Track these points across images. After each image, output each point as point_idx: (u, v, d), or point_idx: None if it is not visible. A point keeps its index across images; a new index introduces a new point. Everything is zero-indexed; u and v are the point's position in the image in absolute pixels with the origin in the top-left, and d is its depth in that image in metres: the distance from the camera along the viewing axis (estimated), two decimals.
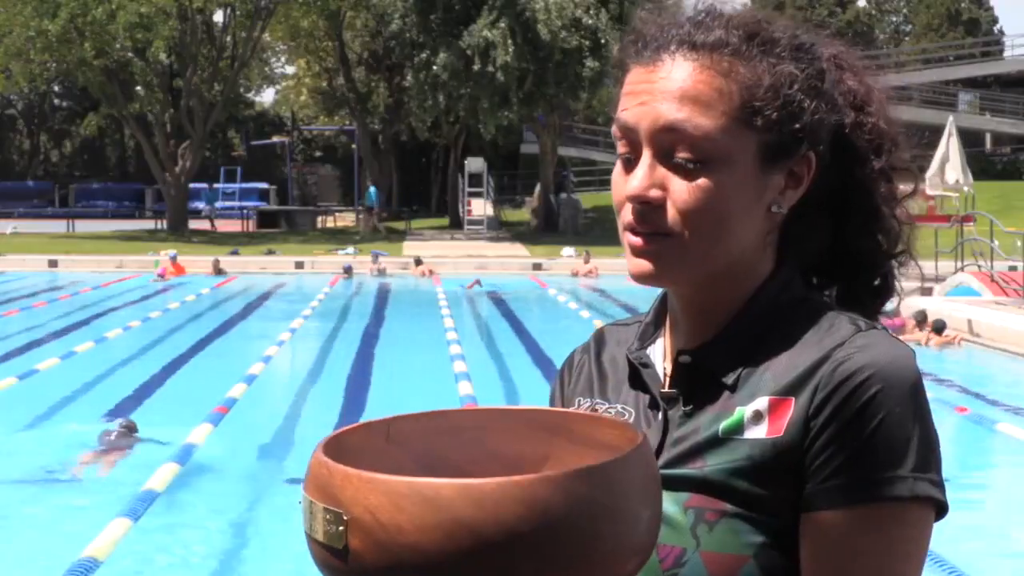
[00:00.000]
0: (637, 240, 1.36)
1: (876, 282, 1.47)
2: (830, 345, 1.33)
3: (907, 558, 1.29)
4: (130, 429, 9.31)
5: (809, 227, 1.44)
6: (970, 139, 40.48)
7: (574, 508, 1.11)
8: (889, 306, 1.49)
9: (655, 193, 1.35)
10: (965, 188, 23.00)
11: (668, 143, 1.35)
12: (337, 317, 18.30)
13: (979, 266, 20.08)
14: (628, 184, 1.37)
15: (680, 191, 1.34)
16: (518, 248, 33.32)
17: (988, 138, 51.65)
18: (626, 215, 1.38)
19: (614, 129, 1.41)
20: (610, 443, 1.28)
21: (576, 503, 1.11)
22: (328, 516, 1.13)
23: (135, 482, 7.19)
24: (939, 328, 14.62)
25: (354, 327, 16.89)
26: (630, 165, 1.38)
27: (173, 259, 25.79)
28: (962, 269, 20.11)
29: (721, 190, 1.34)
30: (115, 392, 11.18)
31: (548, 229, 38.48)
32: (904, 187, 1.47)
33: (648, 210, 1.35)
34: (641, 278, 1.38)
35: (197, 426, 8.80)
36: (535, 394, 11.18)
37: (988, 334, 14.60)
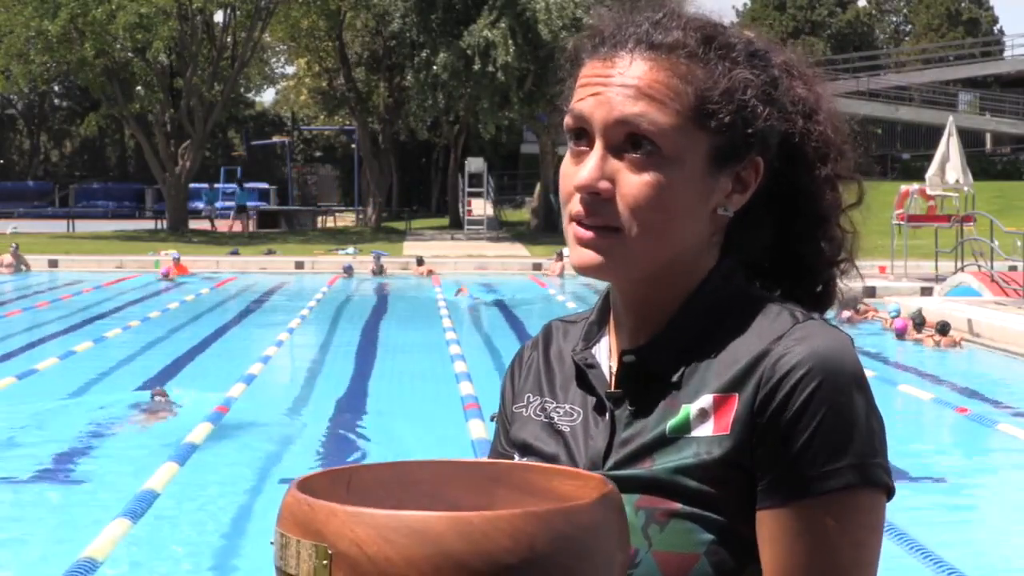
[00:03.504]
0: (583, 232, 1.38)
1: (818, 289, 1.49)
2: (769, 339, 1.36)
3: (864, 544, 1.32)
4: (163, 396, 10.18)
5: (752, 228, 1.45)
6: (970, 139, 40.49)
7: (557, 544, 1.12)
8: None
9: (604, 184, 1.37)
10: (965, 188, 22.99)
11: (621, 136, 1.37)
12: (337, 317, 18.30)
13: (979, 266, 20.07)
14: (578, 174, 1.38)
15: (629, 184, 1.36)
16: (518, 248, 33.32)
17: (988, 138, 51.63)
18: (573, 206, 1.39)
19: (567, 120, 1.42)
20: (572, 496, 1.29)
21: (559, 539, 1.12)
22: (310, 551, 1.13)
23: (134, 482, 7.18)
24: (944, 329, 14.62)
25: (354, 327, 16.89)
26: (580, 157, 1.40)
27: (176, 260, 25.89)
28: (962, 269, 20.10)
29: (669, 188, 1.36)
30: (114, 392, 11.17)
31: (548, 229, 38.46)
32: (849, 197, 1.49)
33: (596, 202, 1.37)
34: (584, 269, 1.40)
35: (197, 425, 8.79)
36: None
37: (988, 334, 14.60)
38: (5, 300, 20.87)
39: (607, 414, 1.42)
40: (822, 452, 1.30)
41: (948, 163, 22.70)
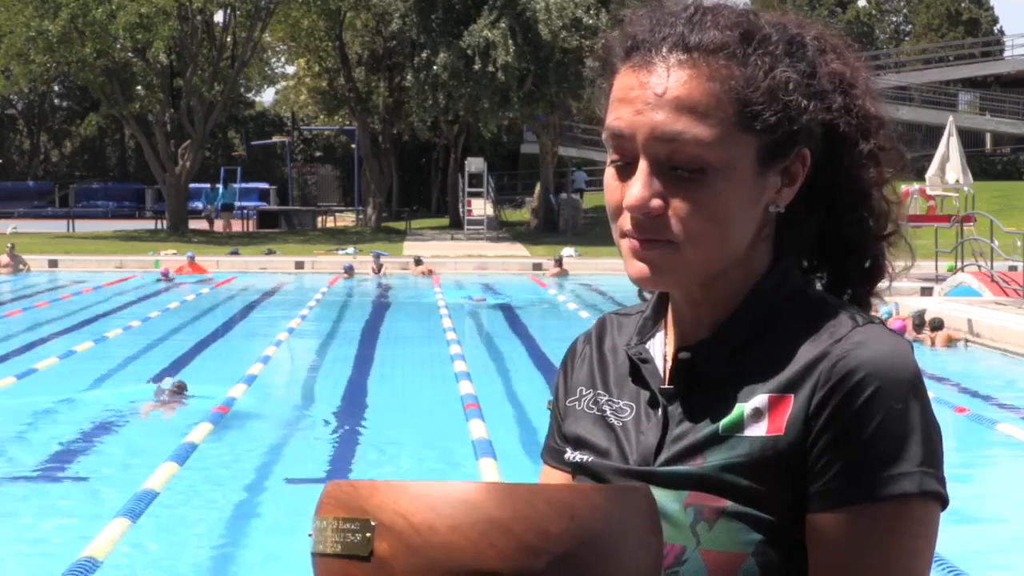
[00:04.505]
0: (637, 244, 1.35)
1: (867, 264, 1.46)
2: (828, 341, 1.33)
3: (917, 554, 1.30)
4: (180, 389, 10.60)
5: (801, 216, 1.42)
6: (970, 139, 40.49)
7: (597, 516, 1.15)
8: (884, 308, 1.48)
9: (655, 203, 1.33)
10: (965, 188, 23.00)
11: (665, 153, 1.33)
12: (337, 317, 18.30)
13: (979, 266, 20.06)
14: (627, 194, 1.35)
15: (680, 201, 1.33)
16: (518, 248, 33.31)
17: (988, 138, 51.63)
18: (624, 223, 1.36)
19: (605, 135, 1.38)
20: None
21: (599, 513, 1.15)
22: (351, 527, 1.14)
23: (133, 481, 7.18)
24: (937, 326, 14.61)
25: (354, 327, 16.89)
26: (623, 171, 1.37)
27: (191, 259, 26.10)
28: (962, 269, 20.10)
29: (721, 197, 1.33)
30: (113, 392, 11.17)
31: (548, 229, 38.46)
32: (891, 167, 1.45)
33: (648, 219, 1.34)
34: (641, 282, 1.38)
35: (197, 425, 8.80)
36: (536, 394, 11.16)
37: (988, 334, 14.60)
38: (4, 300, 20.86)
39: (660, 410, 1.40)
40: (877, 458, 1.28)
41: (948, 163, 22.70)
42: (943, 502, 1.32)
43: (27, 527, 7.21)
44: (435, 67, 34.24)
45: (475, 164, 39.90)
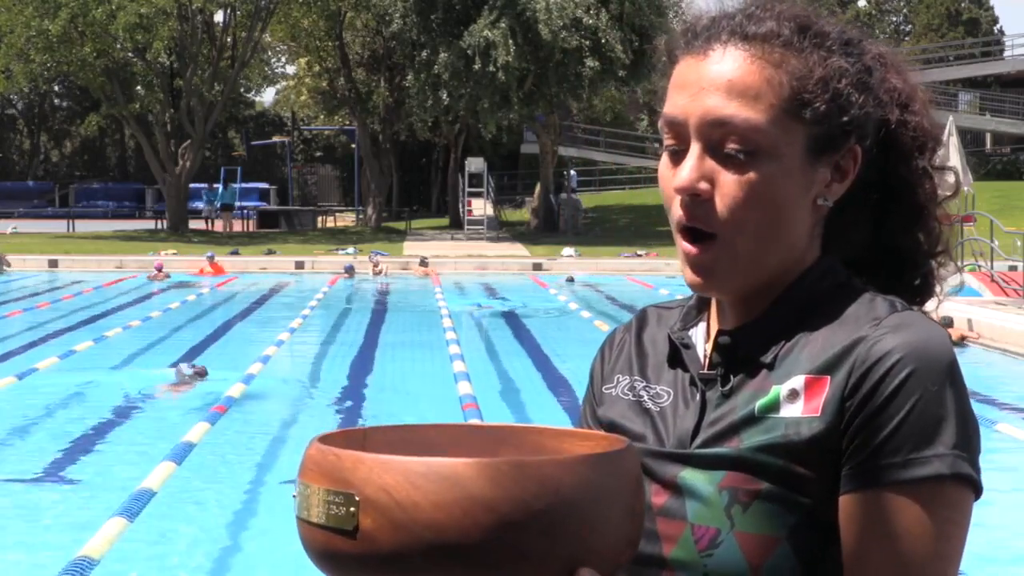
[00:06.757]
0: (692, 249, 1.38)
1: (917, 282, 1.49)
2: (866, 325, 1.34)
3: (947, 538, 1.29)
4: (199, 374, 11.12)
5: (852, 220, 1.45)
6: (970, 139, 40.46)
7: (582, 490, 1.15)
8: (930, 306, 1.50)
9: (704, 186, 1.36)
10: (965, 188, 22.97)
11: (717, 136, 1.36)
12: (337, 317, 18.29)
13: (979, 266, 20.06)
14: (677, 176, 1.37)
15: (729, 183, 1.35)
16: (518, 248, 33.31)
17: (988, 138, 51.62)
18: (676, 209, 1.38)
19: (661, 122, 1.42)
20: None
21: (583, 484, 1.15)
22: (336, 499, 1.14)
23: (131, 481, 7.18)
24: (947, 323, 14.59)
25: (354, 327, 16.88)
26: (677, 157, 1.39)
27: (211, 259, 26.07)
28: (962, 269, 20.09)
29: (769, 182, 1.35)
30: (112, 392, 11.16)
31: (548, 229, 38.47)
32: (944, 190, 1.49)
33: (696, 203, 1.36)
34: (695, 288, 1.40)
35: (195, 425, 8.79)
36: (534, 392, 11.16)
37: (988, 334, 14.59)
38: (5, 300, 20.84)
39: (698, 395, 1.42)
40: (911, 439, 1.28)
41: (948, 163, 22.69)
42: (977, 489, 1.31)
43: (24, 526, 7.20)
44: (435, 67, 34.24)
45: (475, 164, 39.92)
